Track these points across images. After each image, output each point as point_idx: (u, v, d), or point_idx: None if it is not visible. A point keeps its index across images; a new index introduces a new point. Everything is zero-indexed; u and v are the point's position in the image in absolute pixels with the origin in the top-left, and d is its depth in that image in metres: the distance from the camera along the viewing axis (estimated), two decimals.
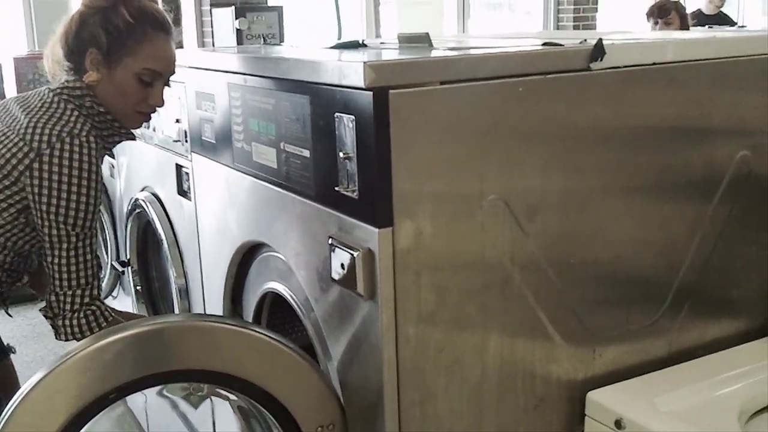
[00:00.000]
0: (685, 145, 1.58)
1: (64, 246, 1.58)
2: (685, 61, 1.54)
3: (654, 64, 1.50)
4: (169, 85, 1.75)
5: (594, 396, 1.46)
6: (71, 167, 1.55)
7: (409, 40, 1.68)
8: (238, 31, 4.70)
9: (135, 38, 1.65)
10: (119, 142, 1.76)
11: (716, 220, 1.64)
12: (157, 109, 1.74)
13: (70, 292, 1.59)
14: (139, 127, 1.80)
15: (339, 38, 2.35)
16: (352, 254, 1.32)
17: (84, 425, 1.39)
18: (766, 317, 1.75)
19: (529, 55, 1.42)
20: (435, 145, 1.31)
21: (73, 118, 1.61)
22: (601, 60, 1.43)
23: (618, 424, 1.37)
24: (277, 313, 1.81)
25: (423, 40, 1.64)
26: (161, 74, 1.70)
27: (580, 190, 1.47)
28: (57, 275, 1.59)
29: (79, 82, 1.67)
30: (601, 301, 1.53)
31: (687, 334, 1.65)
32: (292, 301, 1.64)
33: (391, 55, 1.52)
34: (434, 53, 1.46)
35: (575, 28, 6.58)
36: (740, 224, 1.68)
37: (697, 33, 2.44)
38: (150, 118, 1.78)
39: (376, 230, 1.29)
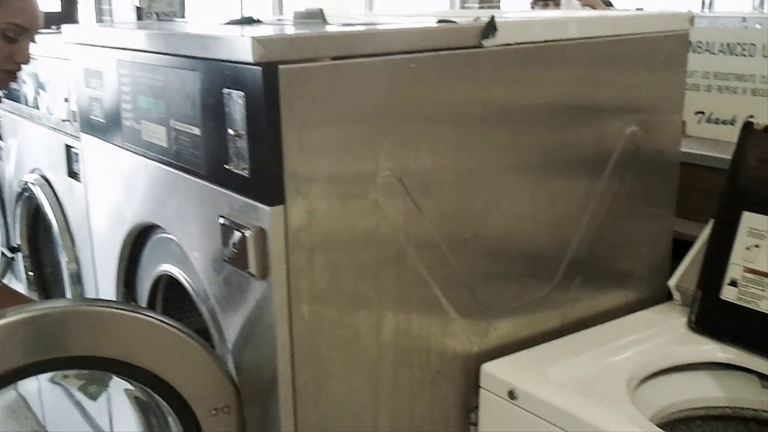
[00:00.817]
0: (576, 122, 1.61)
1: None
2: (576, 39, 1.56)
3: (546, 41, 1.52)
4: (35, 42, 1.66)
5: (488, 368, 1.48)
6: None
7: (303, 17, 1.65)
8: (138, 9, 4.56)
9: None
10: None
11: (606, 195, 1.68)
12: (23, 66, 1.64)
13: None
14: (4, 87, 1.71)
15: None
16: (244, 233, 1.30)
17: None
18: (653, 288, 1.81)
19: (421, 32, 1.41)
20: (327, 122, 1.29)
21: None
22: (493, 37, 1.43)
23: (511, 394, 1.40)
24: (172, 297, 1.76)
25: (317, 16, 1.62)
26: (27, 30, 1.60)
27: (473, 166, 1.48)
28: None
29: None
30: (494, 275, 1.55)
31: (579, 305, 1.69)
32: (186, 284, 1.60)
33: (282, 30, 1.49)
34: (326, 28, 1.44)
35: (480, 9, 6.66)
36: (629, 199, 1.73)
37: (589, 11, 2.50)
38: (16, 78, 1.68)
39: (268, 209, 1.26)
